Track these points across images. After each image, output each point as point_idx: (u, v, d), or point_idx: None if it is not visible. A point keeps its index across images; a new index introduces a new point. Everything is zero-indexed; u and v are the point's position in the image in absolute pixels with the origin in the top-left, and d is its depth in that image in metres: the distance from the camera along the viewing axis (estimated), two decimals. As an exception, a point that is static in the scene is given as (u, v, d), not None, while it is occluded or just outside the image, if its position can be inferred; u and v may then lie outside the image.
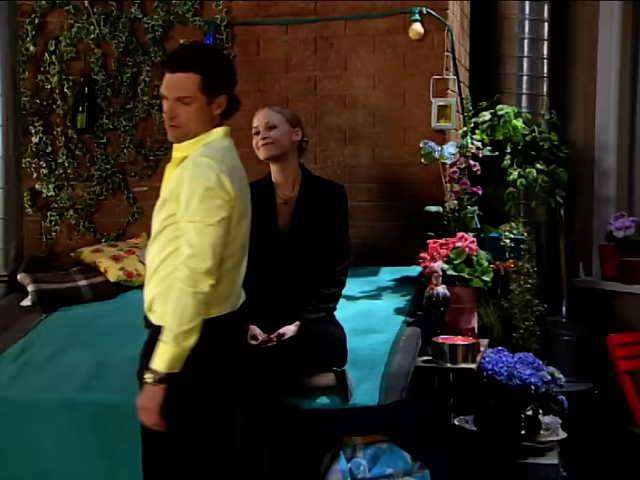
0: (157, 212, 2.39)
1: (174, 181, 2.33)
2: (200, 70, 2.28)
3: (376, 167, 4.24)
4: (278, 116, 2.92)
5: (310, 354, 2.73)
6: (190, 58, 2.31)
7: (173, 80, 2.30)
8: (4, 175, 3.90)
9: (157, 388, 2.24)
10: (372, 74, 4.24)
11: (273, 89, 4.34)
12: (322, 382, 2.74)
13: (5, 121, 3.90)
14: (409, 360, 3.03)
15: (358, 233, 4.12)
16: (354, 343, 2.99)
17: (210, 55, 2.40)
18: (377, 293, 3.67)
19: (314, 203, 2.93)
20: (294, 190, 2.96)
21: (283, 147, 2.91)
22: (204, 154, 2.32)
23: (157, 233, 2.36)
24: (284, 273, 2.90)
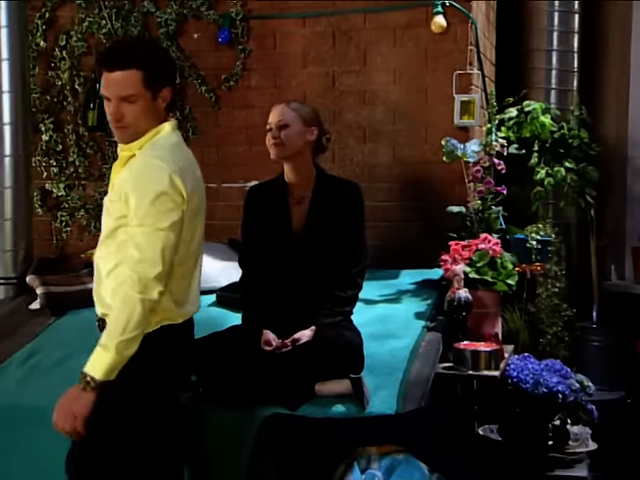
0: (106, 213, 2.36)
1: (122, 182, 2.31)
2: (141, 65, 2.24)
3: (396, 166, 4.23)
4: (292, 114, 2.91)
5: (325, 360, 2.72)
6: (129, 54, 2.27)
7: (114, 79, 2.24)
8: (13, 174, 3.94)
9: (90, 395, 2.19)
10: (392, 69, 4.24)
11: (290, 85, 4.35)
12: (337, 389, 2.74)
13: (15, 118, 3.94)
14: (429, 367, 3.02)
15: (378, 234, 4.15)
16: (372, 348, 2.98)
17: (148, 49, 2.39)
18: (397, 297, 3.67)
19: (329, 203, 2.93)
20: (308, 190, 2.96)
21: (293, 148, 2.90)
22: (154, 154, 2.29)
23: (108, 234, 2.33)
24: (298, 276, 2.90)
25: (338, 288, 2.89)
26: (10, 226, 3.95)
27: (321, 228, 2.90)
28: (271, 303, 2.90)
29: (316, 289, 2.90)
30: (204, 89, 4.44)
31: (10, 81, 3.93)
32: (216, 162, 4.48)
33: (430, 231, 4.04)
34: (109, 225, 2.34)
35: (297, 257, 2.90)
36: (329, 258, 2.91)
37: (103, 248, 2.36)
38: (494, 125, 3.97)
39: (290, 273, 2.91)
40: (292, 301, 2.89)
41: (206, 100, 4.45)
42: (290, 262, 2.90)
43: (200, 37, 4.46)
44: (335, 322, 2.85)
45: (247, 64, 4.40)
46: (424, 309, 3.51)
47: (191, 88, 4.48)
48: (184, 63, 4.44)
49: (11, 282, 3.93)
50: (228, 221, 4.22)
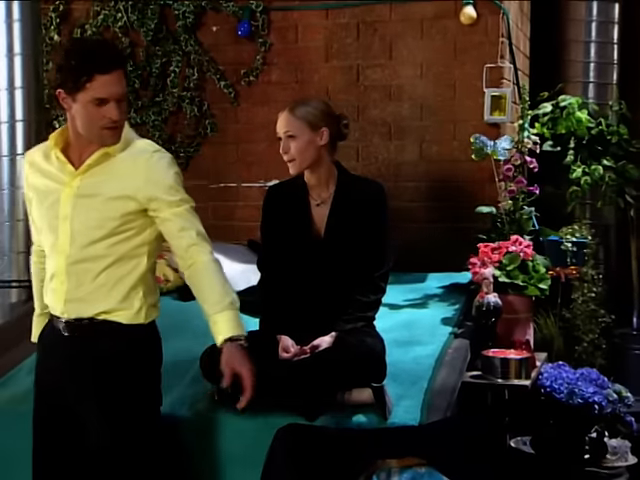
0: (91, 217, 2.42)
1: (124, 179, 2.41)
2: (124, 65, 2.45)
3: (423, 164, 4.22)
4: (297, 123, 2.88)
5: (346, 368, 2.71)
6: (118, 55, 2.44)
7: (115, 79, 2.35)
8: (26, 173, 3.97)
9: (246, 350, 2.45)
10: (419, 62, 4.23)
11: (312, 79, 4.35)
12: (359, 398, 2.73)
13: (27, 115, 3.98)
14: (455, 375, 3.01)
15: (403, 236, 4.12)
16: (395, 356, 2.97)
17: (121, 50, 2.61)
18: (423, 301, 3.66)
19: (351, 204, 2.92)
20: (329, 190, 2.96)
21: (308, 160, 2.90)
22: (148, 144, 2.49)
23: (104, 235, 2.42)
24: (319, 280, 2.90)
25: (360, 292, 2.89)
26: (23, 227, 3.97)
27: (343, 230, 2.90)
28: (290, 308, 2.90)
29: (337, 294, 2.89)
30: (223, 84, 4.46)
31: (23, 76, 3.97)
32: (235, 160, 4.50)
33: (458, 233, 4.03)
34: (106, 225, 2.41)
35: (318, 260, 2.90)
36: (351, 261, 2.90)
37: (90, 251, 2.41)
38: (527, 121, 3.94)
39: (310, 277, 2.91)
40: (312, 306, 2.89)
41: (225, 96, 4.47)
42: (310, 265, 2.90)
43: (219, 30, 4.48)
44: (356, 328, 2.84)
45: (267, 58, 4.41)
46: (451, 314, 3.50)
47: (209, 83, 4.50)
48: (202, 57, 4.47)
49: (24, 285, 3.96)
50: (247, 222, 4.24)
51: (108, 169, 2.43)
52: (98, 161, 2.42)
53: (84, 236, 2.40)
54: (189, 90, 4.50)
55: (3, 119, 3.96)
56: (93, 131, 2.37)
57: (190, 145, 4.54)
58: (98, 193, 2.41)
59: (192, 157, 4.55)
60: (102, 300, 2.41)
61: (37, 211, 2.49)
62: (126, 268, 2.42)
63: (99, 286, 2.41)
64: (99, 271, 2.41)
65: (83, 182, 2.42)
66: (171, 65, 4.50)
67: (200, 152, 4.54)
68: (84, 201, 2.41)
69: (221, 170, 4.51)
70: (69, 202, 2.41)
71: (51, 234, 2.43)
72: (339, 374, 2.72)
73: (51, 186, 2.45)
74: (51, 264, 2.45)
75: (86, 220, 2.41)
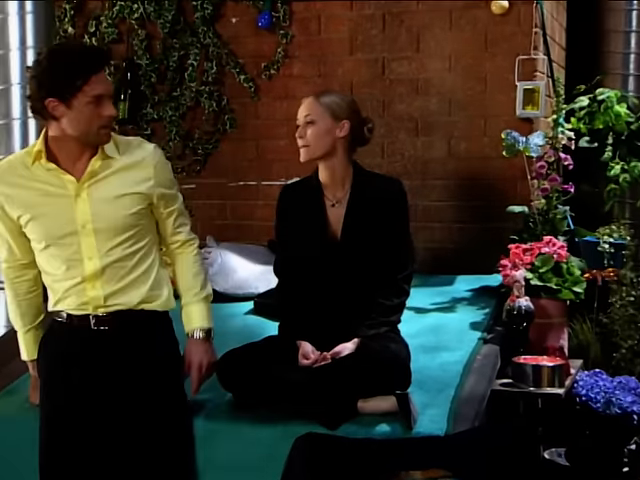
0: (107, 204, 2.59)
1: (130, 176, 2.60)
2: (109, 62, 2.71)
3: (452, 161, 4.21)
4: (320, 109, 2.88)
5: (368, 374, 2.70)
6: (103, 53, 2.67)
7: (104, 77, 2.53)
8: (38, 171, 4.00)
9: (211, 343, 2.77)
10: (448, 55, 4.21)
11: (335, 73, 4.35)
12: (382, 407, 2.72)
13: (40, 111, 4.01)
14: (484, 383, 3.00)
15: (431, 236, 4.15)
16: (421, 362, 2.97)
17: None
18: (450, 305, 3.65)
19: (368, 203, 2.90)
20: (344, 190, 2.94)
21: (321, 149, 2.89)
22: (143, 141, 2.71)
23: (124, 230, 2.61)
24: (337, 283, 2.89)
25: (383, 296, 2.88)
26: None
27: (360, 231, 2.88)
28: (309, 313, 2.89)
29: (358, 297, 2.88)
30: (242, 78, 4.47)
31: (35, 71, 3.99)
32: (255, 157, 4.50)
33: (488, 233, 4.02)
34: (126, 224, 2.60)
35: (335, 263, 2.88)
36: (371, 263, 2.89)
37: (118, 251, 2.60)
38: (561, 116, 3.92)
39: (329, 280, 2.89)
40: (332, 311, 2.88)
41: (245, 90, 4.47)
42: (328, 269, 2.89)
43: (238, 21, 4.48)
44: (380, 333, 2.83)
45: (289, 50, 4.42)
46: (480, 319, 3.49)
47: (228, 77, 4.51)
48: (221, 50, 4.48)
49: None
50: (267, 221, 4.19)
51: (114, 171, 2.58)
52: (101, 166, 2.56)
53: (109, 239, 2.58)
54: (207, 84, 4.51)
55: (15, 115, 4.00)
56: (91, 133, 2.50)
57: (208, 141, 4.54)
58: (111, 195, 2.57)
59: (210, 154, 4.55)
60: (138, 292, 2.62)
61: (32, 226, 2.57)
62: (149, 259, 2.64)
63: (132, 281, 2.61)
64: (130, 267, 2.61)
65: (92, 188, 2.56)
66: (189, 58, 4.51)
67: (219, 149, 4.55)
68: (100, 206, 2.57)
69: (240, 168, 4.51)
70: (85, 209, 2.55)
71: (67, 245, 2.56)
72: (361, 381, 2.71)
73: (48, 199, 2.56)
74: (74, 272, 2.58)
75: (107, 223, 2.57)
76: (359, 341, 2.81)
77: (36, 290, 2.75)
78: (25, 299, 2.72)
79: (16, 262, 2.69)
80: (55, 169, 2.53)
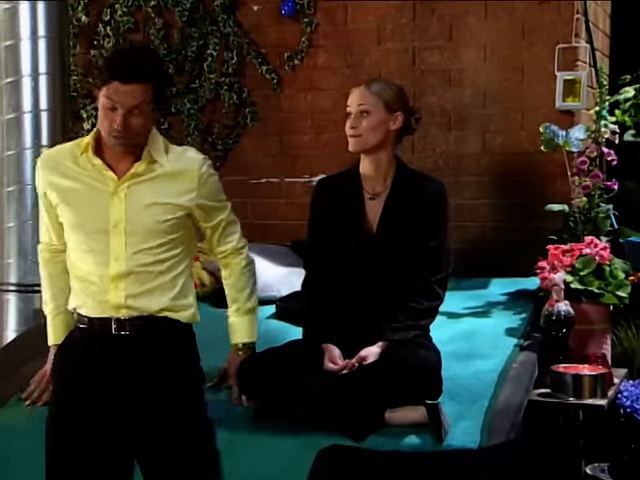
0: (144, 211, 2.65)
1: (172, 184, 2.66)
2: (153, 81, 2.61)
3: (487, 157, 4.21)
4: (373, 99, 2.89)
5: (396, 383, 2.69)
6: (144, 70, 2.62)
7: (128, 91, 2.55)
8: (50, 167, 4.02)
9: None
10: (483, 44, 4.21)
11: (363, 64, 4.35)
12: (411, 417, 2.70)
13: (52, 104, 4.00)
14: (521, 393, 2.97)
15: (464, 237, 4.13)
16: (453, 370, 2.96)
17: (160, 65, 2.82)
18: (485, 310, 3.64)
19: (407, 200, 2.91)
20: (385, 184, 2.95)
21: (374, 140, 2.90)
22: (194, 151, 2.76)
23: (156, 236, 2.65)
24: (368, 282, 2.89)
25: (413, 298, 2.87)
26: (47, 226, 4.03)
27: (396, 227, 2.89)
28: (336, 313, 2.90)
29: (388, 299, 2.88)
30: (265, 69, 4.48)
31: (47, 62, 3.97)
32: (278, 153, 4.51)
33: (525, 233, 4.01)
34: (159, 231, 2.65)
35: (368, 258, 2.89)
36: (405, 263, 2.89)
37: (146, 256, 2.64)
38: (605, 108, 3.88)
39: (359, 277, 2.90)
40: (360, 311, 2.88)
41: (267, 82, 4.48)
42: (360, 264, 2.90)
43: (260, 9, 4.50)
44: (408, 338, 2.82)
45: (314, 40, 4.42)
46: (517, 325, 3.48)
47: (250, 68, 4.52)
48: (242, 39, 4.49)
49: (45, 290, 4.02)
50: (291, 221, 4.25)
51: (156, 175, 2.65)
52: (145, 170, 2.64)
53: (139, 242, 2.64)
54: (228, 76, 4.52)
55: (26, 108, 3.99)
56: (105, 134, 2.58)
57: (228, 136, 4.55)
58: (149, 200, 2.63)
59: (231, 149, 4.57)
60: (160, 299, 2.65)
61: (69, 215, 2.66)
62: (178, 269, 2.67)
63: (157, 287, 2.65)
64: (156, 274, 2.65)
65: (131, 189, 2.63)
66: (208, 48, 4.53)
67: (239, 144, 4.56)
68: (135, 209, 2.63)
69: (262, 164, 4.52)
70: (120, 209, 2.63)
71: (96, 241, 2.64)
72: (389, 390, 2.71)
73: (88, 192, 2.65)
74: (99, 270, 2.65)
75: (139, 227, 2.63)
76: (385, 345, 2.80)
77: (63, 274, 2.78)
78: (61, 279, 2.78)
79: (52, 246, 2.78)
80: (100, 165, 2.62)
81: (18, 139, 3.97)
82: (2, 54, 3.97)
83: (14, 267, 3.97)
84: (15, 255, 3.96)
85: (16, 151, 3.94)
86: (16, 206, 3.95)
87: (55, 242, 2.76)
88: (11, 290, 3.97)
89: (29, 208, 3.96)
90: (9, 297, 3.98)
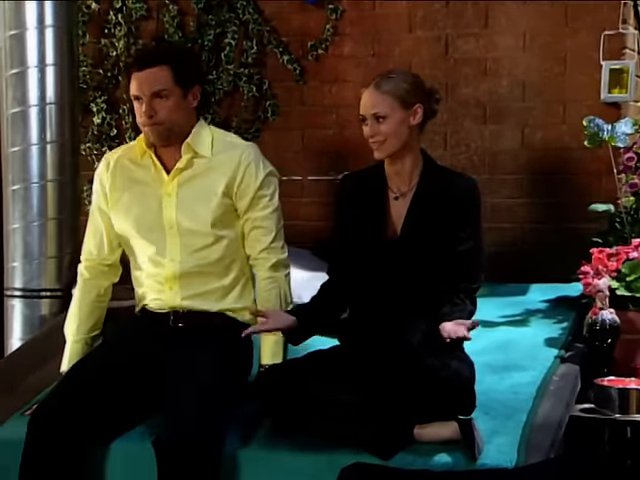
0: (193, 204, 2.83)
1: (218, 177, 2.82)
2: (169, 62, 2.77)
3: (525, 153, 4.21)
4: (387, 101, 2.85)
5: (426, 396, 2.68)
6: (157, 53, 2.86)
7: (144, 77, 2.75)
8: (57, 164, 3.99)
9: None
10: (522, 31, 4.21)
11: (392, 53, 4.36)
12: (442, 434, 2.69)
13: (59, 97, 4.00)
14: (561, 408, 2.95)
15: (500, 239, 4.12)
16: (488, 383, 2.96)
17: (175, 48, 3.14)
18: (523, 318, 3.64)
19: (435, 199, 2.89)
20: (411, 182, 2.93)
21: (398, 143, 2.87)
22: (236, 137, 2.96)
23: (220, 231, 2.83)
24: (394, 289, 2.87)
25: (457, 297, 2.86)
26: (54, 227, 4.01)
27: (423, 229, 2.87)
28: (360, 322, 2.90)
29: (417, 307, 2.87)
30: (286, 59, 4.49)
31: (55, 52, 3.97)
32: (300, 149, 4.52)
33: (567, 235, 4.01)
34: (212, 228, 2.81)
35: (392, 266, 2.87)
36: (434, 269, 2.87)
37: (202, 255, 2.82)
38: (654, 100, 3.87)
39: (383, 285, 2.88)
40: (386, 321, 2.86)
41: (289, 72, 4.50)
42: (383, 272, 2.88)
43: (283, -5, 4.52)
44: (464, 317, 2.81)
45: (339, 28, 4.44)
46: (557, 334, 3.48)
47: (270, 58, 4.53)
48: (262, 27, 4.50)
49: (55, 295, 4.00)
50: (314, 222, 4.25)
51: (203, 169, 2.82)
52: (188, 163, 2.81)
53: (194, 243, 2.82)
54: (247, 66, 4.53)
55: (32, 102, 3.99)
56: (142, 130, 2.79)
57: (248, 131, 4.57)
58: (197, 197, 2.81)
59: (250, 144, 4.58)
60: (217, 303, 2.85)
61: (125, 220, 2.88)
62: (234, 270, 2.86)
63: (213, 290, 2.84)
64: (212, 275, 2.84)
65: (181, 188, 2.82)
66: (226, 37, 4.55)
67: (259, 139, 4.57)
68: (187, 207, 2.82)
69: (284, 160, 4.48)
70: (172, 210, 2.82)
71: (152, 243, 2.85)
72: (419, 404, 2.69)
73: (147, 193, 2.86)
74: (155, 270, 2.86)
75: (192, 225, 2.82)
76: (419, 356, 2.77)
77: (103, 302, 3.05)
78: (90, 305, 3.00)
79: (98, 261, 2.99)
80: (157, 165, 2.82)
81: (23, 134, 3.97)
82: (7, 44, 3.98)
83: (19, 271, 3.99)
84: (20, 258, 3.97)
85: (21, 147, 3.95)
86: (21, 206, 3.96)
87: (104, 255, 2.96)
88: (16, 295, 3.98)
89: (35, 208, 3.98)
90: (14, 303, 3.99)
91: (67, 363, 2.99)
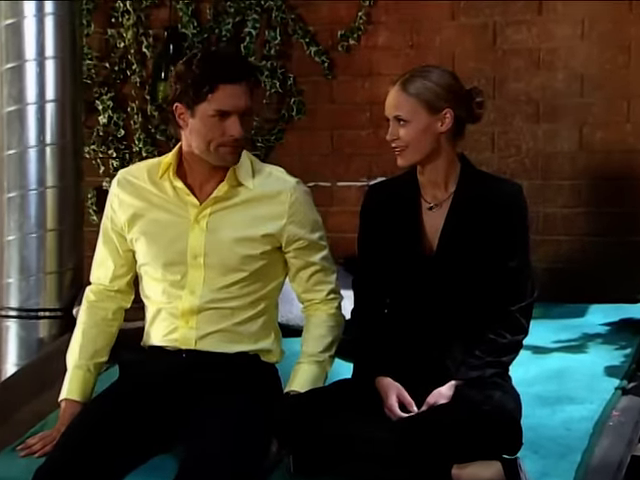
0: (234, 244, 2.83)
1: (260, 212, 2.84)
2: (253, 78, 2.80)
3: (584, 155, 4.20)
4: (411, 104, 2.82)
5: (466, 432, 2.64)
6: (245, 64, 2.88)
7: (239, 91, 2.70)
8: (58, 169, 4.01)
9: None
10: (580, 18, 4.21)
11: (432, 43, 4.37)
12: (484, 475, 2.64)
13: (60, 94, 4.01)
14: (622, 446, 2.91)
15: (555, 253, 4.11)
16: (537, 418, 2.93)
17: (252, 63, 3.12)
18: (580, 343, 3.62)
19: (475, 209, 2.86)
20: (447, 190, 2.93)
21: (422, 151, 2.85)
22: (285, 173, 2.92)
23: (251, 270, 2.84)
24: (430, 308, 2.86)
25: (493, 331, 2.82)
26: (54, 239, 4.03)
27: (461, 243, 2.85)
28: (394, 346, 2.89)
29: (458, 331, 2.85)
30: (314, 50, 4.51)
31: (55, 43, 3.99)
32: (329, 152, 4.53)
33: (632, 249, 4.02)
34: (243, 266, 2.83)
35: (427, 285, 2.85)
36: (476, 288, 2.85)
37: (226, 292, 2.83)
38: None
39: (418, 303, 2.87)
40: (422, 343, 2.85)
41: (316, 66, 4.52)
42: (417, 292, 2.87)
43: (310, -21, 4.54)
44: (484, 377, 2.79)
45: (373, 15, 4.45)
46: (619, 362, 3.45)
47: (296, 49, 4.56)
48: (287, 15, 4.52)
49: (54, 316, 4.02)
50: (344, 233, 4.20)
51: (241, 201, 2.83)
52: (229, 193, 2.80)
53: (219, 277, 2.82)
54: (269, 59, 4.55)
55: (30, 99, 4.01)
56: (210, 149, 2.73)
57: (270, 131, 4.59)
58: (233, 231, 2.82)
59: (273, 147, 4.61)
60: (237, 345, 2.85)
61: (143, 243, 2.87)
62: (259, 308, 2.87)
63: (233, 328, 2.85)
64: (233, 312, 2.84)
65: (213, 217, 2.82)
66: (246, 26, 4.57)
67: (283, 140, 4.60)
68: (218, 239, 2.82)
69: (310, 164, 4.54)
70: (200, 240, 2.82)
71: (172, 273, 2.84)
72: (458, 441, 2.66)
73: (167, 219, 2.84)
74: (171, 303, 2.86)
75: (222, 260, 2.82)
76: (457, 386, 2.78)
77: (111, 326, 3.02)
78: (93, 329, 2.98)
79: (104, 286, 2.99)
80: (181, 188, 2.79)
81: (20, 136, 3.99)
82: (2, 34, 4.00)
83: (15, 288, 4.02)
84: (16, 274, 4.00)
85: (18, 150, 3.98)
86: (18, 215, 3.99)
87: (109, 281, 2.96)
88: (11, 316, 4.02)
89: (33, 218, 4.00)
90: (9, 324, 4.03)
91: (66, 392, 2.97)
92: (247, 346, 2.86)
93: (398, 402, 2.79)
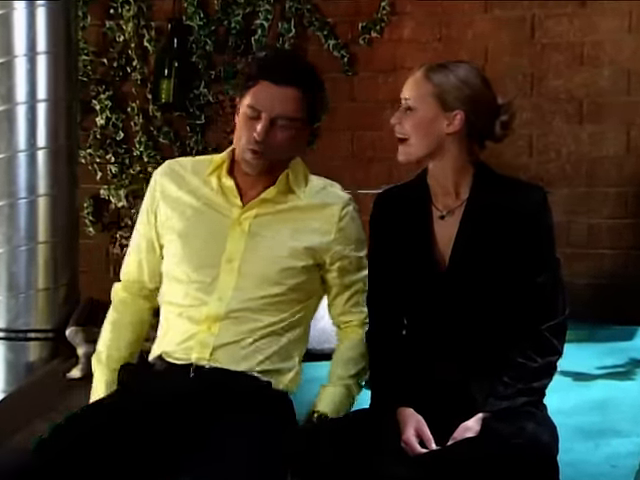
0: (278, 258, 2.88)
1: (307, 224, 2.90)
2: (307, 87, 2.82)
3: (632, 160, 4.22)
4: (425, 89, 2.79)
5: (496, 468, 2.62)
6: (298, 70, 2.86)
7: (279, 95, 2.77)
8: (51, 175, 4.05)
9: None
10: (627, 10, 4.23)
11: (463, 37, 4.40)
12: (516, 516, 2.67)
13: (53, 93, 4.04)
14: (673, 485, 2.92)
15: (598, 268, 4.10)
16: (578, 453, 2.96)
17: (314, 72, 2.96)
18: (627, 369, 3.63)
19: (492, 216, 2.83)
20: (460, 197, 2.91)
21: (422, 147, 2.83)
22: (338, 188, 3.01)
23: (288, 285, 2.88)
24: (450, 331, 2.84)
25: (521, 353, 2.80)
26: (46, 252, 4.06)
27: (476, 255, 2.82)
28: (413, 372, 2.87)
29: (480, 352, 2.83)
30: (332, 44, 4.53)
31: (48, 36, 4.03)
32: (349, 154, 4.55)
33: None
34: (280, 279, 2.87)
35: (442, 300, 2.83)
36: (495, 305, 2.83)
37: (256, 303, 2.86)
38: None
39: (437, 326, 2.85)
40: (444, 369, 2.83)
41: (335, 61, 4.55)
42: (434, 308, 2.85)
43: (329, -33, 4.55)
44: (515, 407, 2.78)
45: (398, 6, 4.49)
46: (671, 390, 3.46)
47: (313, 42, 4.59)
48: (302, 6, 4.55)
49: (45, 337, 4.04)
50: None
51: (289, 208, 2.90)
52: (277, 198, 2.87)
53: (252, 288, 2.86)
54: (283, 53, 4.55)
55: (20, 98, 4.03)
56: (239, 147, 2.81)
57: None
58: (275, 239, 2.88)
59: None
60: (257, 358, 2.86)
61: (177, 243, 2.92)
62: (286, 325, 2.90)
63: (257, 343, 2.86)
64: (261, 327, 2.86)
65: (257, 221, 2.88)
66: (257, 17, 4.61)
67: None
68: (258, 245, 2.87)
69: (328, 169, 4.41)
70: (239, 244, 2.87)
71: (202, 274, 2.88)
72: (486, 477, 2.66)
73: (208, 216, 2.91)
74: (194, 309, 2.88)
75: (259, 269, 2.87)
76: (484, 418, 2.76)
77: (143, 329, 3.06)
78: (129, 327, 3.02)
79: (140, 284, 3.04)
80: (229, 187, 2.87)
81: (9, 139, 4.01)
82: (-11, 28, 3.99)
83: (3, 307, 4.05)
84: (4, 291, 4.03)
85: (7, 154, 4.01)
86: (6, 227, 4.02)
87: (149, 279, 3.00)
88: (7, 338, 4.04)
89: (22, 230, 4.02)
90: (-4, 346, 4.01)
91: (101, 389, 2.98)
92: (263, 366, 2.87)
93: (417, 436, 2.78)
